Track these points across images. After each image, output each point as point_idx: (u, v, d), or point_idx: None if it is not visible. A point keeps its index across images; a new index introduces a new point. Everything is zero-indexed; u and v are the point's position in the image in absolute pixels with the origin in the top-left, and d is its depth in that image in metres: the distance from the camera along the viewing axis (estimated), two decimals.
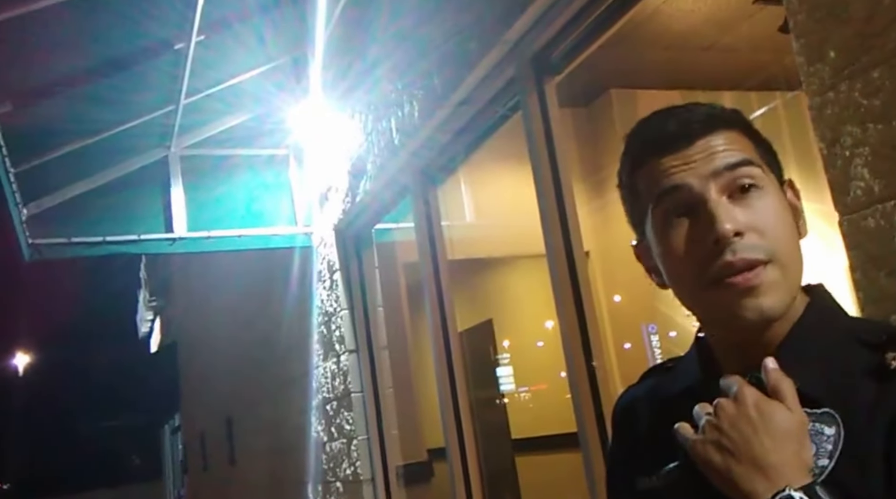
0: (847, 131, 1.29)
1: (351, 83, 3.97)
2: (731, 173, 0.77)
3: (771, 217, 0.77)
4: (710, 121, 0.80)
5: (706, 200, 0.77)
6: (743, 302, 0.75)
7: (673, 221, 0.79)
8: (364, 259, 4.36)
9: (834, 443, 0.71)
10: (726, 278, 0.75)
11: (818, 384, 0.74)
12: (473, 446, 3.30)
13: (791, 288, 0.77)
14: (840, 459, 0.70)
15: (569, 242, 2.49)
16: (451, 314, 3.38)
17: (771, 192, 0.79)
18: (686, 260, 0.78)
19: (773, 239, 0.76)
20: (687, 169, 0.78)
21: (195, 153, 4.48)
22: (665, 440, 0.80)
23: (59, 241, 4.08)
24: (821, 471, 0.70)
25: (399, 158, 3.53)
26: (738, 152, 0.79)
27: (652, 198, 0.81)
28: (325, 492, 4.71)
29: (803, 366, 0.75)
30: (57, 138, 3.83)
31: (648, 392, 0.92)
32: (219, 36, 3.68)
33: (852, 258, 1.30)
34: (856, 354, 0.74)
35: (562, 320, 2.49)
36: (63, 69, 3.48)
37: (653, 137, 0.81)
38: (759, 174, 0.79)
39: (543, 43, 2.49)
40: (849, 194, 1.29)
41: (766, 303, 0.75)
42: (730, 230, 0.74)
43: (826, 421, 0.72)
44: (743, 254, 0.75)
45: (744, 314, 0.75)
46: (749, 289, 0.75)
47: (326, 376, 4.61)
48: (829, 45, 1.33)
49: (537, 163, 2.56)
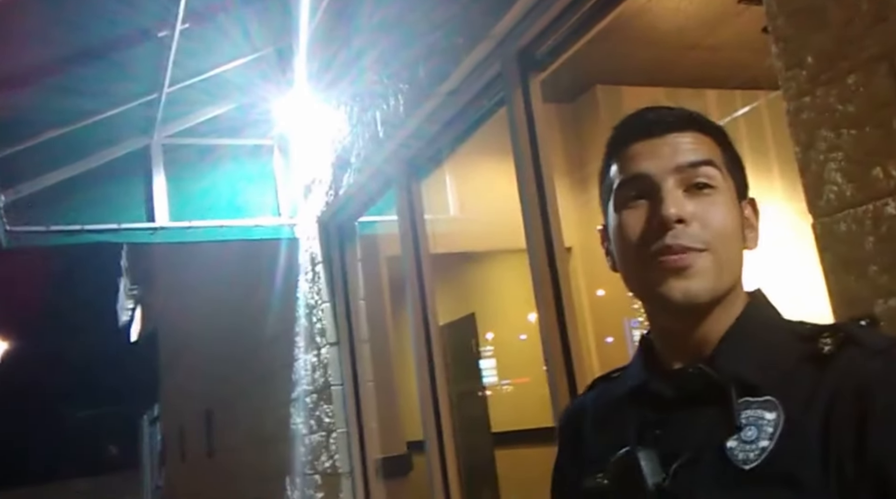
0: (822, 136, 1.31)
1: (336, 74, 3.96)
2: (691, 170, 0.83)
3: (718, 216, 0.82)
4: (689, 121, 0.86)
5: (661, 187, 0.82)
6: (671, 281, 0.80)
7: (630, 203, 0.85)
8: (347, 252, 4.35)
9: (774, 426, 0.75)
10: (660, 257, 0.81)
11: (758, 373, 0.78)
12: (452, 439, 3.32)
13: (721, 280, 0.82)
14: (780, 440, 0.74)
15: (549, 237, 2.50)
16: (432, 308, 3.39)
17: (725, 196, 0.84)
18: (632, 238, 0.84)
19: (715, 234, 0.81)
20: (652, 158, 0.84)
21: (178, 142, 4.44)
22: (612, 438, 0.85)
23: (37, 228, 4.03)
24: (761, 451, 0.74)
25: (384, 151, 3.52)
26: (703, 153, 0.84)
27: (616, 181, 0.86)
28: (303, 485, 4.71)
29: (744, 357, 0.80)
30: (36, 127, 3.78)
31: (594, 399, 0.96)
32: (203, 25, 3.65)
33: (824, 261, 1.32)
34: (793, 346, 0.79)
35: (541, 315, 2.51)
36: (43, 58, 3.43)
37: (632, 126, 0.87)
38: (718, 177, 0.84)
39: (529, 39, 2.50)
40: (822, 198, 1.31)
41: (692, 285, 0.80)
42: (674, 214, 0.80)
43: (767, 407, 0.76)
44: (681, 240, 0.80)
45: (670, 293, 0.80)
46: (678, 269, 0.80)
47: (307, 369, 4.61)
48: (806, 50, 1.34)
49: (520, 158, 2.57)
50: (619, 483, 0.81)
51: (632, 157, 0.85)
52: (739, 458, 0.75)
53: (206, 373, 8.54)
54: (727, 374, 0.79)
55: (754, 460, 0.74)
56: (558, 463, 0.99)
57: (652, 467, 0.78)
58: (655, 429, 0.82)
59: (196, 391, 9.15)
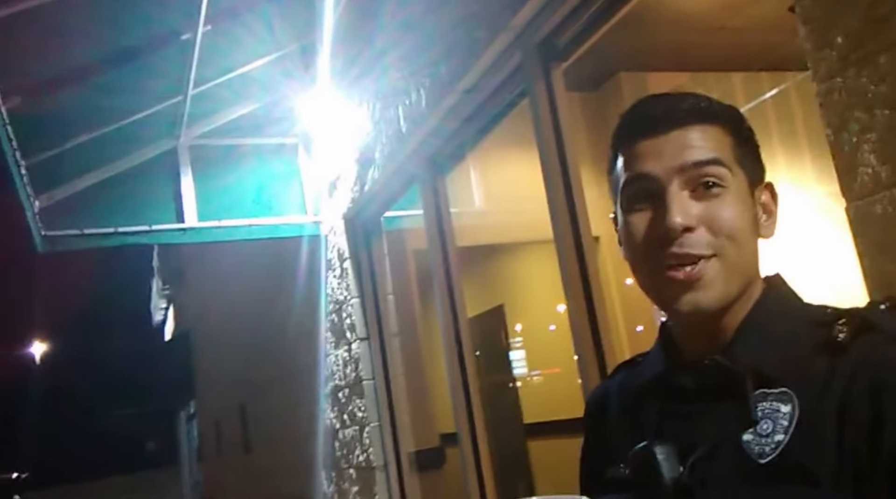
0: (854, 117, 1.28)
1: (359, 71, 3.97)
2: (696, 170, 0.80)
3: (726, 216, 0.79)
4: (695, 113, 0.82)
5: (666, 191, 0.80)
6: (681, 296, 0.79)
7: (635, 205, 0.83)
8: (373, 247, 4.37)
9: (789, 419, 0.73)
10: (668, 271, 0.79)
11: (774, 365, 0.77)
12: (484, 431, 3.32)
13: (732, 284, 0.80)
14: (794, 434, 0.72)
15: (577, 226, 2.49)
16: (460, 301, 3.39)
17: (735, 192, 0.81)
18: (641, 244, 0.82)
19: (723, 237, 0.79)
20: (656, 158, 0.81)
21: (204, 143, 4.50)
22: (631, 428, 0.85)
23: (71, 232, 4.12)
24: (776, 446, 0.73)
25: (407, 147, 3.53)
26: (708, 150, 0.81)
27: (622, 179, 0.85)
28: (338, 478, 4.76)
29: (760, 348, 0.78)
30: (66, 130, 3.85)
31: (617, 386, 0.96)
32: (227, 24, 3.68)
33: (859, 245, 1.29)
34: (809, 334, 0.77)
35: (571, 306, 2.49)
36: (71, 61, 3.49)
37: (636, 119, 0.85)
38: (725, 175, 0.81)
39: (550, 29, 2.48)
40: (856, 180, 1.29)
41: (702, 298, 0.79)
42: (679, 224, 0.78)
43: (783, 399, 0.75)
44: (687, 248, 0.78)
45: (680, 307, 0.80)
46: (688, 283, 0.79)
47: (338, 364, 4.65)
48: (835, 30, 1.31)
49: (544, 149, 2.56)
50: (637, 476, 0.81)
51: (637, 155, 0.82)
52: (755, 452, 0.74)
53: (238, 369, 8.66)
54: (744, 365, 0.78)
55: (769, 454, 0.73)
56: (585, 450, 0.99)
57: (669, 461, 0.77)
58: (674, 421, 0.82)
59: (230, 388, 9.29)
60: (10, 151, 3.55)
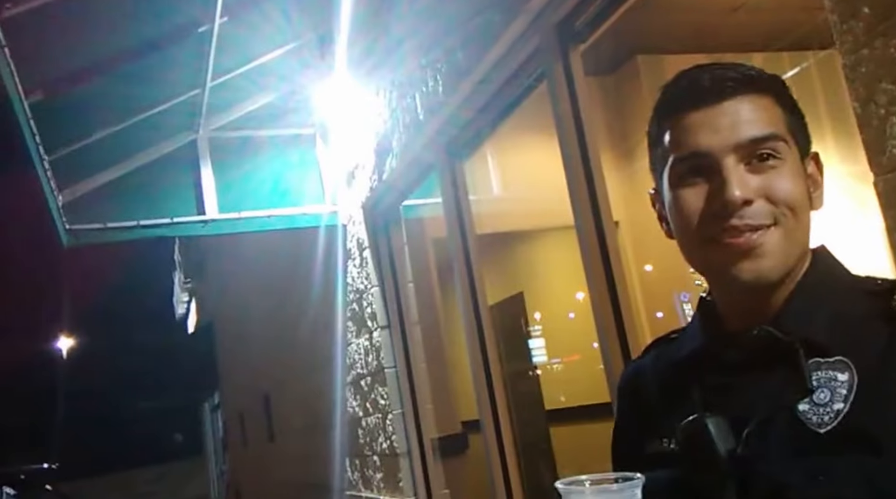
0: (882, 89, 1.25)
1: (376, 60, 3.96)
2: (753, 145, 0.79)
3: (784, 186, 0.78)
4: (745, 82, 0.80)
5: (722, 166, 0.78)
6: (740, 263, 0.78)
7: (688, 179, 0.81)
8: (392, 236, 4.38)
9: (848, 387, 0.72)
10: (728, 238, 0.78)
11: (828, 334, 0.76)
12: (507, 417, 3.33)
13: (792, 253, 0.79)
14: (855, 402, 0.71)
15: (598, 212, 2.47)
16: (480, 288, 3.39)
17: (789, 163, 0.80)
18: (694, 217, 0.80)
19: (782, 207, 0.78)
20: (711, 132, 0.79)
21: (223, 135, 4.53)
22: (675, 402, 0.83)
23: (95, 226, 4.17)
24: (836, 414, 0.72)
25: (424, 134, 3.52)
26: (764, 125, 0.79)
27: (673, 153, 0.82)
28: (362, 466, 4.80)
29: (812, 317, 0.77)
30: (88, 124, 3.89)
31: (653, 361, 0.94)
32: (244, 14, 3.69)
33: (888, 219, 1.27)
34: (863, 304, 0.76)
35: (593, 292, 2.48)
36: (90, 54, 3.52)
37: (685, 90, 0.82)
38: (782, 148, 0.79)
39: (567, 11, 2.45)
40: (884, 154, 1.26)
41: (764, 265, 0.77)
42: (739, 197, 0.77)
43: (839, 368, 0.74)
44: (748, 220, 0.77)
45: (740, 275, 0.78)
46: (749, 250, 0.77)
47: (360, 353, 4.67)
48: (862, 0, 1.29)
49: (564, 133, 2.54)
50: (688, 450, 0.79)
51: (687, 128, 0.80)
52: (814, 421, 0.72)
53: (261, 360, 8.74)
54: (795, 335, 0.76)
55: (829, 423, 0.72)
56: (618, 427, 0.97)
57: (722, 433, 0.76)
58: (721, 394, 0.80)
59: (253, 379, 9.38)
60: (33, 146, 3.59)
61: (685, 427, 0.79)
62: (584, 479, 0.72)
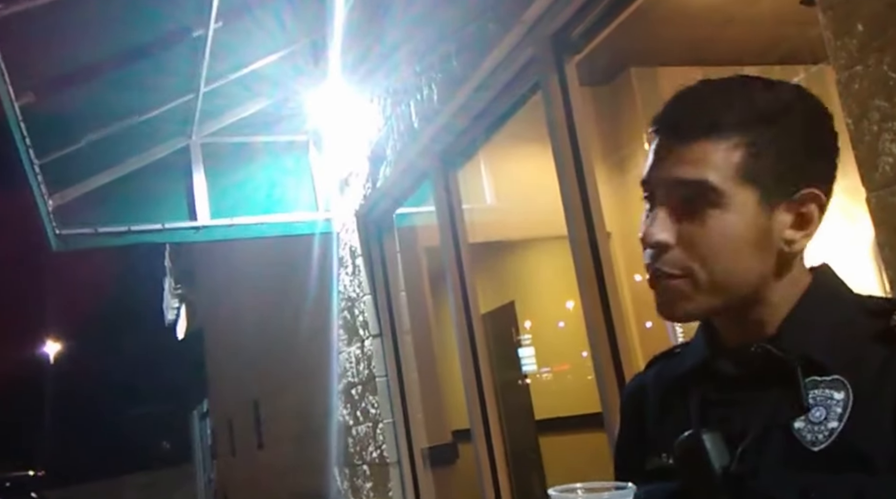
0: (875, 106, 1.26)
1: (370, 67, 3.96)
2: (682, 189, 0.78)
3: (710, 238, 0.77)
4: (703, 125, 0.78)
5: (655, 202, 0.81)
6: (658, 301, 0.81)
7: (645, 202, 0.83)
8: (385, 244, 4.37)
9: (843, 406, 0.73)
10: (648, 274, 0.81)
11: (825, 352, 0.76)
12: (498, 427, 3.32)
13: (709, 298, 0.79)
14: (849, 421, 0.72)
15: (591, 222, 2.47)
16: (473, 297, 3.39)
17: (730, 212, 0.77)
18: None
19: (702, 258, 0.78)
20: (657, 166, 0.81)
21: (216, 141, 4.51)
22: (674, 417, 0.84)
23: (85, 231, 4.14)
24: (830, 433, 0.72)
25: (419, 142, 3.52)
26: (703, 169, 0.77)
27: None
28: (352, 475, 4.77)
29: (810, 336, 0.77)
30: (80, 128, 3.87)
31: (655, 376, 0.95)
32: (237, 21, 3.69)
33: (880, 235, 1.28)
34: (862, 323, 0.76)
35: (585, 301, 2.48)
36: (83, 58, 3.51)
37: (660, 117, 0.83)
38: (718, 197, 0.77)
39: (562, 22, 2.46)
40: (877, 170, 1.27)
41: (675, 311, 0.81)
42: (650, 240, 0.79)
43: (835, 387, 0.74)
44: (659, 265, 0.79)
45: (660, 312, 0.81)
46: (660, 293, 0.80)
47: (351, 361, 4.65)
48: (856, 17, 1.30)
49: (558, 143, 2.54)
50: (684, 465, 0.79)
51: (649, 155, 0.82)
52: (808, 439, 0.73)
53: (251, 367, 8.69)
54: (793, 352, 0.76)
55: (823, 442, 0.72)
56: (620, 442, 0.98)
57: (717, 449, 0.76)
58: (719, 409, 0.80)
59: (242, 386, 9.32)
60: (24, 149, 3.57)
61: (682, 442, 0.79)
62: (577, 487, 0.73)
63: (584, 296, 2.48)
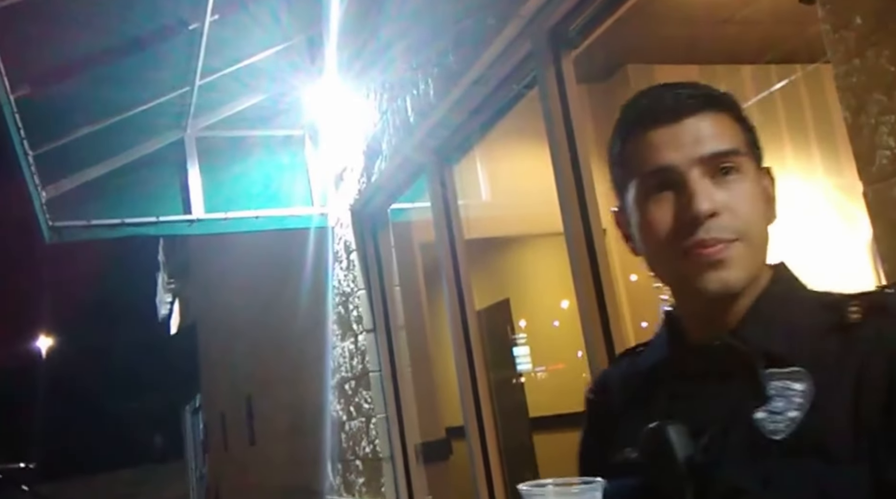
0: (873, 99, 1.26)
1: (366, 62, 3.95)
2: (716, 160, 0.81)
3: (746, 201, 0.81)
4: (704, 100, 0.83)
5: (688, 179, 0.81)
6: (708, 274, 0.80)
7: (655, 194, 0.83)
8: (380, 239, 4.36)
9: (803, 396, 0.75)
10: (697, 249, 0.80)
11: (785, 345, 0.78)
12: (492, 424, 3.32)
13: (754, 265, 0.82)
14: (810, 411, 0.74)
15: (587, 219, 2.47)
16: (468, 293, 3.38)
17: (749, 177, 0.83)
18: (663, 231, 0.83)
19: (745, 221, 0.81)
20: (675, 148, 0.82)
21: (211, 134, 4.50)
22: (639, 412, 0.85)
23: (78, 223, 4.12)
24: (790, 422, 0.74)
25: (414, 138, 3.51)
26: (726, 140, 0.82)
27: (638, 171, 0.85)
28: (344, 470, 4.76)
29: (771, 329, 0.80)
30: (74, 120, 3.85)
31: (620, 372, 0.97)
32: (233, 15, 3.67)
33: (877, 228, 1.28)
34: (819, 316, 0.79)
35: (580, 299, 2.48)
36: (79, 50, 3.49)
37: (648, 108, 0.85)
38: (743, 163, 0.83)
39: (560, 17, 2.46)
40: (874, 164, 1.27)
41: (730, 276, 0.80)
42: (706, 210, 0.79)
43: (795, 378, 0.76)
44: (715, 233, 0.80)
45: (707, 285, 0.80)
46: (716, 261, 0.80)
47: (345, 356, 4.64)
48: (855, 10, 1.29)
49: (554, 139, 2.54)
50: (649, 457, 0.81)
51: (652, 145, 0.83)
52: (769, 429, 0.75)
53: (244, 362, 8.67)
54: (753, 346, 0.79)
55: (784, 431, 0.74)
56: (585, 436, 0.99)
57: (682, 440, 0.78)
58: (683, 403, 0.82)
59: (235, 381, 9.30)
60: (17, 140, 3.55)
61: (646, 434, 0.80)
62: (547, 482, 0.75)
63: (579, 293, 2.48)
